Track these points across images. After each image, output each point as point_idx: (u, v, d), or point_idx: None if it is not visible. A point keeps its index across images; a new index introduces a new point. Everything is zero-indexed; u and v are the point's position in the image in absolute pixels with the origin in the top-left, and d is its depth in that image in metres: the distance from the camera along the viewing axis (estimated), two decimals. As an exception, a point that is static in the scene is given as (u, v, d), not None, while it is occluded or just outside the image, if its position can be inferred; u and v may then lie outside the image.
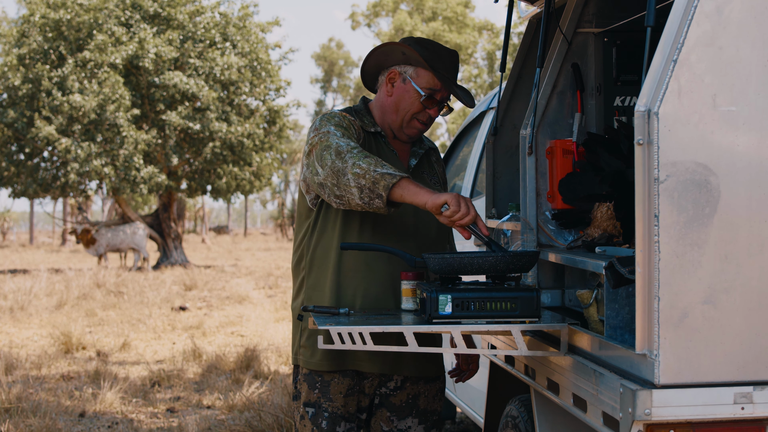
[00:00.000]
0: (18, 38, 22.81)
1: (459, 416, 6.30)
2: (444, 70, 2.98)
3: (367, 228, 2.96)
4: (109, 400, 6.61)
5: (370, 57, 3.03)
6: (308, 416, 3.01)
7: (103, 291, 14.89)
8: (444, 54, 2.99)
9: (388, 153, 3.04)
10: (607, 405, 2.20)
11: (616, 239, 2.78)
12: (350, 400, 3.02)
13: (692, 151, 2.06)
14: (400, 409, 3.08)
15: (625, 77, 3.23)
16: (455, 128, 40.30)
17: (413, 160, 3.10)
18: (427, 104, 2.99)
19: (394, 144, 3.09)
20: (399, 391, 3.08)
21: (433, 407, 3.14)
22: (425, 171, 3.15)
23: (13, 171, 22.88)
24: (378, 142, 3.04)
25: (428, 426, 3.13)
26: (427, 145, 3.20)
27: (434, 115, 3.01)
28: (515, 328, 2.56)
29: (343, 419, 3.01)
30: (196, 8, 23.70)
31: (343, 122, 2.93)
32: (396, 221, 2.99)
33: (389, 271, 2.97)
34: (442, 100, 3.01)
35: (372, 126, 3.04)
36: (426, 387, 3.11)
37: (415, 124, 3.01)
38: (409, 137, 3.05)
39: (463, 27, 41.54)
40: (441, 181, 3.22)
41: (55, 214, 56.02)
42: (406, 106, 3.00)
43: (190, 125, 22.34)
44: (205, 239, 44.46)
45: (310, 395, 3.01)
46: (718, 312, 2.07)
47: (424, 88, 2.97)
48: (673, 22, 2.10)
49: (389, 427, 3.09)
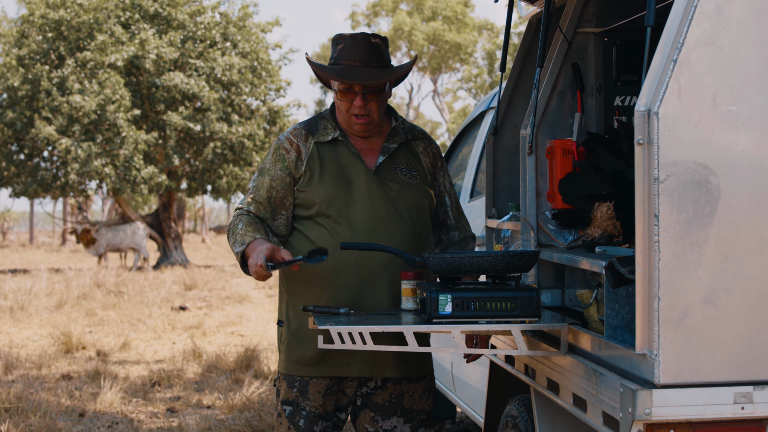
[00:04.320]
0: (18, 38, 22.80)
1: (459, 416, 6.30)
2: (345, 59, 3.03)
3: (337, 234, 3.01)
4: (109, 400, 6.61)
5: (317, 75, 3.15)
6: (285, 414, 3.06)
7: (103, 291, 14.89)
8: (347, 42, 3.06)
9: (347, 156, 3.08)
10: (607, 405, 2.20)
11: (616, 239, 2.78)
12: (329, 399, 3.05)
13: (692, 150, 2.06)
14: (383, 409, 3.09)
15: (625, 77, 3.23)
16: (455, 128, 40.30)
17: (381, 156, 3.10)
18: (345, 98, 3.04)
19: (362, 143, 3.13)
20: (380, 390, 3.09)
21: (420, 406, 3.13)
22: (401, 166, 3.13)
23: (13, 171, 22.86)
24: (336, 148, 3.09)
25: (415, 425, 3.12)
26: (405, 136, 3.18)
27: (360, 103, 3.03)
28: (515, 327, 2.56)
29: (321, 418, 3.05)
30: (197, 8, 23.70)
31: (268, 161, 3.12)
32: (360, 229, 3.02)
33: (359, 276, 3.00)
34: (364, 89, 3.02)
35: (332, 131, 3.11)
36: (410, 386, 3.11)
37: (354, 120, 3.06)
38: (359, 132, 3.10)
39: (462, 27, 41.53)
40: (425, 173, 3.17)
41: (55, 214, 56.04)
42: (340, 106, 3.08)
43: (191, 126, 22.33)
44: (205, 239, 44.46)
45: (289, 394, 3.06)
46: (718, 312, 2.07)
47: (336, 87, 3.06)
48: (673, 22, 2.10)
49: (374, 428, 3.10)
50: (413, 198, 3.09)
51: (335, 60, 3.06)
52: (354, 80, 3.00)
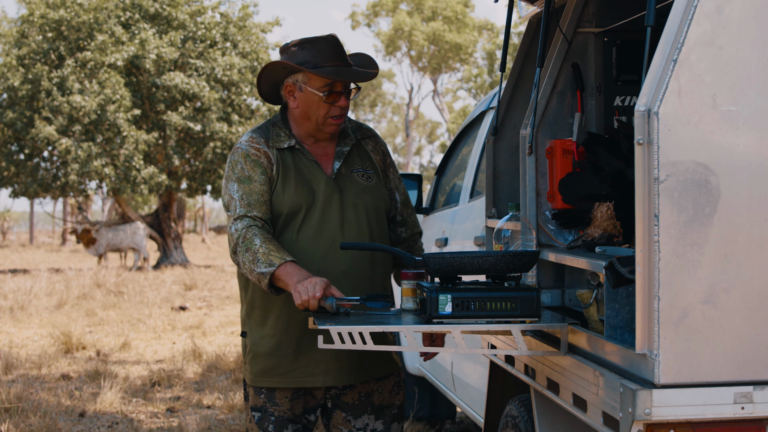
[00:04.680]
0: (18, 38, 22.79)
1: (459, 416, 6.30)
2: (329, 61, 2.95)
3: (298, 244, 2.98)
4: (109, 400, 6.61)
5: (260, 83, 3.04)
6: (254, 420, 3.05)
7: (103, 291, 14.89)
8: (322, 45, 2.97)
9: (306, 164, 3.03)
10: (607, 405, 2.20)
11: (616, 239, 2.78)
12: (296, 403, 3.05)
13: (692, 150, 2.06)
14: (354, 408, 3.09)
15: (625, 77, 3.22)
16: (455, 128, 40.30)
17: (337, 162, 3.07)
18: (332, 100, 2.97)
19: (316, 149, 3.07)
20: (349, 390, 3.09)
21: (390, 401, 3.14)
22: (357, 167, 3.10)
23: (13, 171, 22.87)
24: (294, 156, 3.04)
25: (387, 421, 3.13)
26: (356, 137, 3.15)
27: (344, 104, 2.99)
28: (515, 327, 2.56)
29: (290, 422, 3.04)
30: (197, 8, 23.70)
31: (245, 169, 2.98)
32: (323, 238, 3.00)
33: None
34: (346, 87, 3.00)
35: (287, 139, 3.04)
36: (378, 384, 3.12)
37: (330, 121, 3.00)
38: (332, 133, 3.05)
39: (463, 27, 41.54)
40: (378, 171, 3.16)
41: (55, 214, 56.02)
42: (314, 111, 2.99)
43: (191, 125, 22.34)
44: (205, 239, 44.46)
45: (257, 400, 3.05)
46: (718, 312, 2.07)
47: (320, 89, 2.96)
48: (673, 22, 2.10)
49: (347, 428, 3.10)
50: (372, 201, 3.08)
51: (315, 63, 2.94)
52: (353, 79, 2.97)
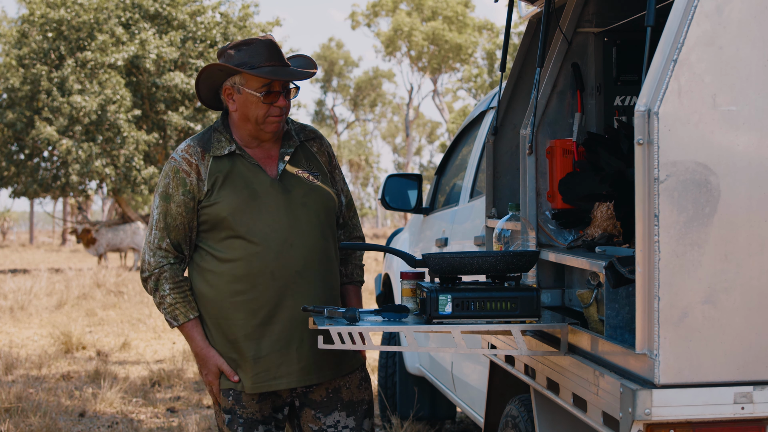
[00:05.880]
0: (18, 38, 22.79)
1: (459, 416, 6.30)
2: (265, 62, 2.93)
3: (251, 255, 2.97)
4: (109, 400, 6.61)
5: (199, 87, 3.03)
6: (225, 422, 3.04)
7: (103, 291, 14.89)
8: (258, 46, 2.94)
9: (248, 168, 3.01)
10: (607, 405, 2.20)
11: (616, 239, 2.78)
12: (264, 404, 3.04)
13: (692, 150, 2.06)
14: (323, 405, 3.09)
15: (625, 77, 3.22)
16: (455, 128, 40.29)
17: (282, 164, 3.05)
18: (270, 100, 2.96)
19: (258, 152, 3.05)
20: (316, 387, 3.08)
21: (360, 397, 3.14)
22: (302, 168, 3.09)
23: (13, 171, 22.88)
24: (234, 161, 3.02)
25: (358, 417, 3.12)
26: (300, 139, 3.13)
27: (283, 104, 2.97)
28: (515, 327, 2.56)
29: (260, 423, 3.03)
30: (197, 8, 23.70)
31: (170, 185, 2.99)
32: (273, 242, 2.98)
33: (275, 287, 2.97)
34: (284, 87, 2.98)
35: (228, 144, 3.02)
36: (345, 379, 3.11)
37: (270, 120, 2.98)
38: (273, 132, 3.02)
39: (463, 27, 41.55)
40: (325, 172, 3.14)
41: (55, 214, 56.02)
42: (253, 112, 2.97)
43: (191, 125, 22.34)
44: (205, 239, 44.39)
45: (225, 402, 3.04)
46: (718, 312, 2.07)
47: (258, 90, 2.94)
48: (673, 21, 2.10)
49: (318, 426, 3.09)
50: (320, 200, 3.07)
51: (252, 65, 2.92)
52: (289, 78, 2.94)
